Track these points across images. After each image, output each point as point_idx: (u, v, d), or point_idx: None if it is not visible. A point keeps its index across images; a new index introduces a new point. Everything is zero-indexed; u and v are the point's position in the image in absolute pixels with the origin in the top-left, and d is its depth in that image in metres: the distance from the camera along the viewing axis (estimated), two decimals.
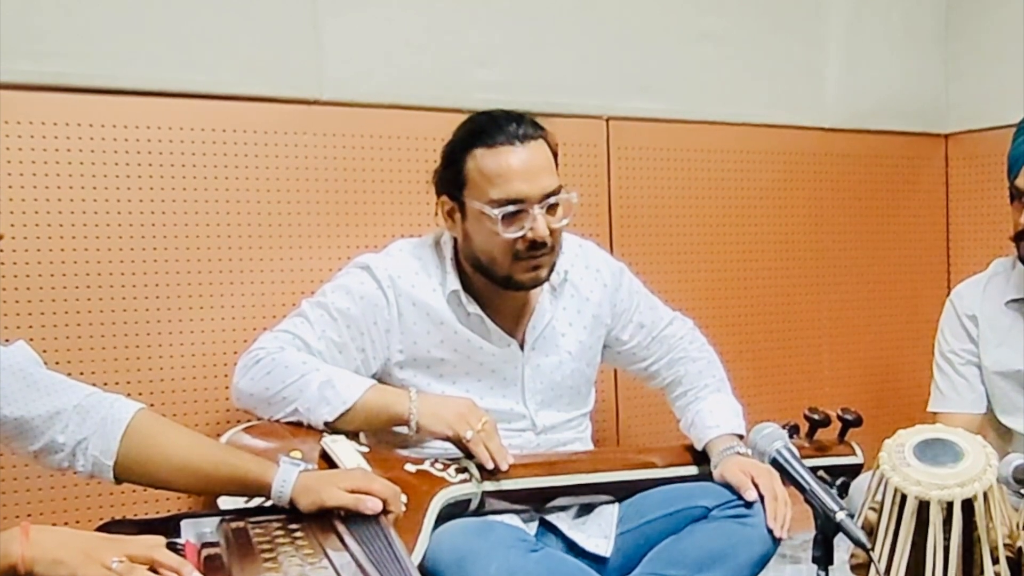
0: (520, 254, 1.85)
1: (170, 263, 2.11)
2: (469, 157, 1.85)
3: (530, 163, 1.83)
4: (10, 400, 1.45)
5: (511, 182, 1.81)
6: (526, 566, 1.63)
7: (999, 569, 1.61)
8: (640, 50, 2.67)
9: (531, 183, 1.82)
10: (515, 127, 1.84)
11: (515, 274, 1.87)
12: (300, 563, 1.32)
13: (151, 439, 1.52)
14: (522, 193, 1.81)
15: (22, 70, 1.97)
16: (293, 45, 2.23)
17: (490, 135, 1.84)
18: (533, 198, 1.82)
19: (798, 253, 2.95)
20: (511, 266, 1.86)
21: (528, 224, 1.82)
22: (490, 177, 1.82)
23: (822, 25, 2.95)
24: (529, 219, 1.82)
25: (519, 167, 1.82)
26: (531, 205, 1.82)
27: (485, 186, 1.82)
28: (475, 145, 1.84)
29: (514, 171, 1.81)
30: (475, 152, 1.84)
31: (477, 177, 1.83)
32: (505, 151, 1.82)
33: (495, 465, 1.80)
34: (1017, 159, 2.06)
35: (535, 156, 1.84)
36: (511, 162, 1.82)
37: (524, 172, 1.82)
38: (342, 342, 1.89)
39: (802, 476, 1.56)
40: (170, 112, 2.11)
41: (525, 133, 1.84)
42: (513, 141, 1.83)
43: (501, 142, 1.83)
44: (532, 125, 1.86)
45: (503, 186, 1.81)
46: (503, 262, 1.86)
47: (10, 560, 1.20)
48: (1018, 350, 2.14)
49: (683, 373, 2.12)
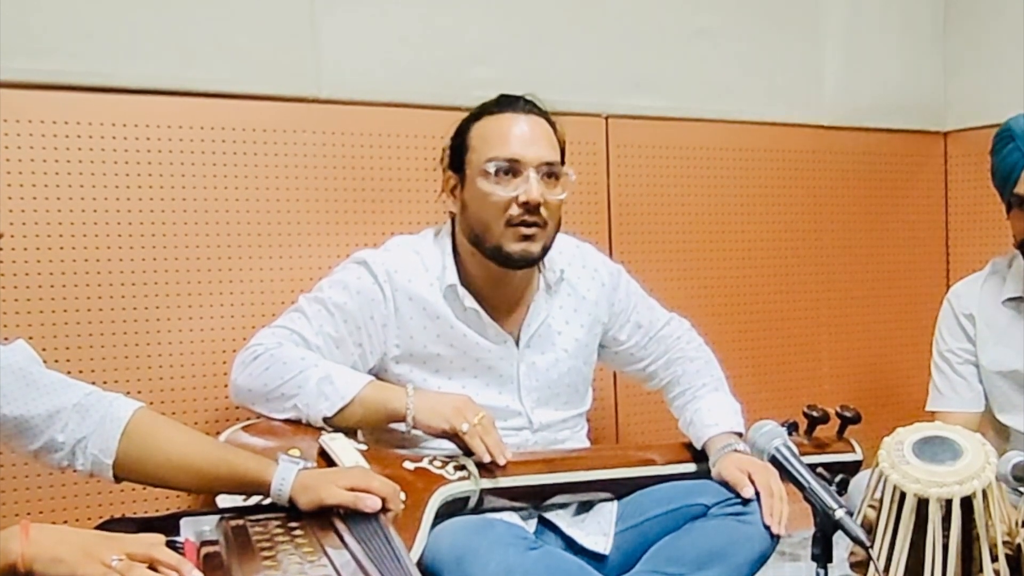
0: (512, 219, 1.86)
1: (168, 261, 2.11)
2: (474, 125, 1.92)
3: (531, 131, 1.89)
4: (10, 399, 1.45)
5: (509, 143, 1.87)
6: (525, 564, 1.62)
7: (998, 567, 1.62)
8: (638, 47, 2.67)
9: (529, 147, 1.87)
10: (523, 103, 1.92)
11: (506, 243, 1.87)
12: (299, 561, 1.32)
13: (150, 438, 1.52)
14: (518, 154, 1.86)
15: (21, 68, 1.96)
16: (291, 43, 2.23)
17: (497, 105, 1.92)
18: (529, 160, 1.86)
19: (796, 250, 2.95)
20: (503, 232, 1.87)
21: (523, 186, 1.85)
22: (489, 138, 1.88)
23: (821, 22, 2.95)
24: (523, 180, 1.85)
25: (519, 132, 1.88)
26: (527, 167, 1.85)
27: (483, 148, 1.88)
28: (481, 115, 1.92)
29: (514, 134, 1.88)
30: (480, 120, 1.91)
31: (478, 142, 1.89)
32: (508, 117, 1.90)
33: (493, 459, 1.80)
34: (1013, 167, 2.06)
35: (537, 126, 1.90)
36: (512, 126, 1.89)
37: (523, 136, 1.88)
38: (339, 337, 1.89)
39: (801, 473, 1.56)
40: (168, 110, 2.11)
41: (531, 109, 1.91)
42: (517, 111, 1.90)
43: (506, 109, 1.91)
44: (542, 110, 1.93)
45: (500, 146, 1.87)
46: (495, 227, 1.87)
47: (10, 558, 1.20)
48: (1015, 349, 2.14)
49: (681, 373, 2.12)
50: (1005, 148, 2.09)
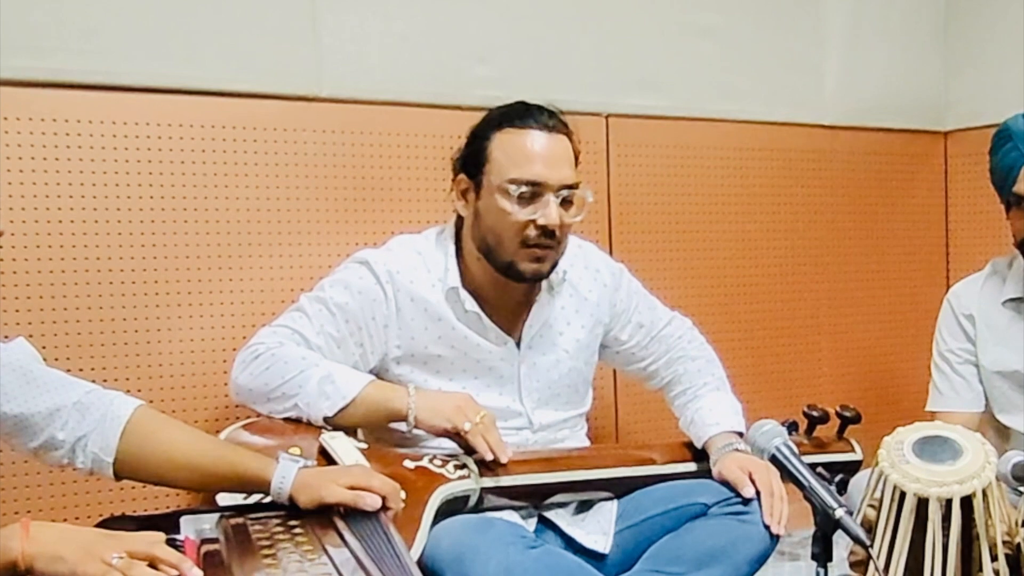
0: (528, 240, 1.85)
1: (169, 259, 2.11)
2: (495, 136, 1.88)
3: (554, 151, 1.87)
4: (10, 397, 1.45)
5: (533, 163, 1.84)
6: (525, 562, 1.63)
7: (998, 566, 1.62)
8: (640, 47, 2.67)
9: (552, 169, 1.85)
10: (547, 116, 1.89)
11: (518, 261, 1.87)
12: (299, 559, 1.32)
13: (150, 436, 1.52)
14: (542, 177, 1.84)
15: (22, 66, 1.96)
16: (292, 41, 2.23)
17: (521, 118, 1.88)
18: (551, 184, 1.84)
19: (797, 250, 2.95)
20: (516, 251, 1.86)
21: (541, 210, 1.84)
22: (513, 156, 1.85)
23: (822, 22, 2.95)
24: (543, 204, 1.84)
25: (543, 152, 1.85)
26: (548, 191, 1.84)
27: (506, 164, 1.85)
28: (504, 125, 1.88)
29: (538, 154, 1.85)
30: (502, 131, 1.88)
31: (500, 155, 1.86)
32: (532, 134, 1.86)
33: (494, 457, 1.80)
34: (1011, 166, 2.06)
35: (559, 146, 1.88)
36: (536, 146, 1.86)
37: (547, 157, 1.85)
38: (340, 337, 1.89)
39: (801, 473, 1.56)
40: (169, 108, 2.11)
41: (554, 124, 1.89)
42: (542, 127, 1.87)
43: (530, 125, 1.87)
44: (562, 122, 1.90)
45: (525, 166, 1.84)
46: (509, 245, 1.86)
47: (10, 556, 1.20)
48: (1015, 349, 2.14)
49: (682, 372, 2.12)
50: (1003, 148, 2.09)
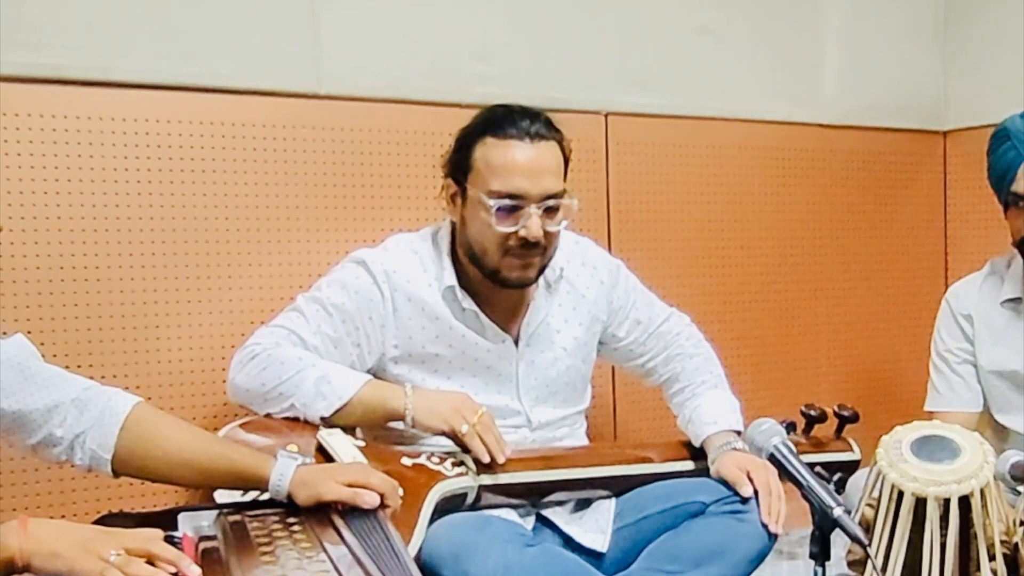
0: (511, 250, 1.85)
1: (167, 257, 2.11)
2: (478, 144, 1.85)
3: (536, 162, 1.83)
4: (8, 393, 1.45)
5: (513, 176, 1.81)
6: (522, 560, 1.63)
7: (995, 566, 1.62)
8: (639, 45, 2.67)
9: (533, 181, 1.82)
10: (528, 123, 1.84)
11: (503, 269, 1.87)
12: (297, 557, 1.32)
13: (149, 433, 1.52)
14: (521, 190, 1.81)
15: (19, 62, 1.96)
16: (291, 38, 2.23)
17: (502, 127, 1.84)
18: (532, 197, 1.82)
19: (795, 249, 2.95)
20: (500, 260, 1.86)
21: (522, 222, 1.82)
22: (494, 168, 1.82)
23: (821, 21, 2.95)
24: (524, 217, 1.82)
25: (524, 163, 1.82)
26: (529, 203, 1.82)
27: (487, 176, 1.83)
28: (486, 133, 1.85)
29: (518, 166, 1.81)
30: (485, 140, 1.85)
31: (482, 166, 1.84)
32: (514, 145, 1.83)
33: (492, 457, 1.80)
34: (1009, 166, 2.06)
35: (542, 156, 1.84)
36: (517, 157, 1.82)
37: (528, 169, 1.82)
38: (337, 337, 1.89)
39: (799, 472, 1.56)
40: (167, 105, 2.10)
41: (538, 132, 1.84)
42: (524, 137, 1.83)
43: (512, 135, 1.83)
44: (547, 126, 1.86)
45: (504, 179, 1.81)
46: (493, 255, 1.86)
47: (8, 553, 1.20)
48: (1014, 349, 2.14)
49: (680, 369, 2.12)
50: (1001, 147, 2.09)
